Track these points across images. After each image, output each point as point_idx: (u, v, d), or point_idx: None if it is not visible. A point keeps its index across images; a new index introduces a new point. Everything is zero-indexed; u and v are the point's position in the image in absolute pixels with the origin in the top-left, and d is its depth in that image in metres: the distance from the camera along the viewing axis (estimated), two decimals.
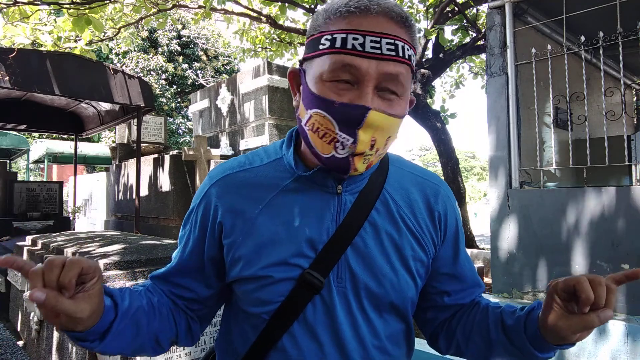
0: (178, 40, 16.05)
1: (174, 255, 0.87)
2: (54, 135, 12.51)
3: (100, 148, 13.32)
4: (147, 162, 6.65)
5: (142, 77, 8.52)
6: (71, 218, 7.36)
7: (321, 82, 0.68)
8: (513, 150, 3.88)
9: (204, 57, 16.48)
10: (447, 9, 6.26)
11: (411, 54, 0.69)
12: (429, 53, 7.01)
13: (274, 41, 7.58)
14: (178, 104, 16.45)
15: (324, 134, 0.68)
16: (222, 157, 6.20)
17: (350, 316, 0.74)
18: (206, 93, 8.38)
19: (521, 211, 3.77)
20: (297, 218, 0.74)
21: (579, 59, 3.91)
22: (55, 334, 2.82)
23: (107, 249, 2.96)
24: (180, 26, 15.74)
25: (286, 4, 6.21)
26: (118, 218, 7.88)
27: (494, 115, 4.04)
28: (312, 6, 6.43)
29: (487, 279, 5.39)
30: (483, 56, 7.80)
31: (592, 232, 3.37)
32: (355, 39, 0.64)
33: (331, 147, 0.68)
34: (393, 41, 0.65)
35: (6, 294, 4.41)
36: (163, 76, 15.45)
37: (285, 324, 0.73)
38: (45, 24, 5.46)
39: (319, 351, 0.73)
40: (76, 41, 5.53)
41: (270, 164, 0.79)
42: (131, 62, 14.98)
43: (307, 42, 0.72)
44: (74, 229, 7.73)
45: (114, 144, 8.90)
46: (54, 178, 17.08)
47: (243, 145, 7.23)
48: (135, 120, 5.62)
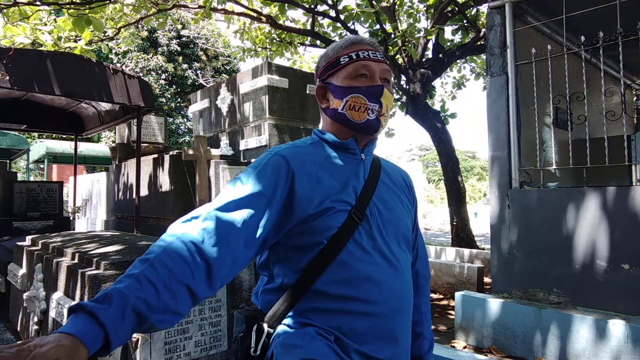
0: (178, 40, 16.05)
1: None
2: (54, 135, 12.50)
3: (100, 148, 13.32)
4: (147, 162, 6.65)
5: (142, 77, 8.52)
6: (71, 218, 7.36)
7: (349, 80, 1.09)
8: (513, 150, 3.88)
9: (204, 57, 16.48)
10: (447, 9, 6.26)
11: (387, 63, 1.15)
12: (429, 53, 7.01)
13: (274, 41, 7.58)
14: (178, 104, 16.45)
15: (359, 107, 1.08)
16: (222, 157, 6.19)
17: (381, 241, 1.07)
18: (206, 93, 8.38)
19: (521, 211, 3.77)
20: (342, 174, 1.08)
21: (579, 59, 3.91)
22: None
23: (107, 249, 2.96)
24: (180, 26, 15.73)
25: (286, 4, 6.21)
26: (118, 218, 7.88)
27: (494, 115, 4.04)
28: (312, 6, 6.43)
29: (487, 279, 5.39)
30: (484, 56, 7.80)
31: (592, 232, 3.37)
32: (363, 53, 1.10)
33: (365, 114, 1.08)
34: (381, 54, 1.12)
35: (6, 294, 4.40)
36: (163, 76, 15.44)
37: (342, 243, 1.01)
38: (45, 24, 5.46)
39: (371, 260, 1.03)
40: (76, 41, 5.53)
41: (311, 145, 1.13)
42: (131, 62, 14.97)
43: (327, 66, 1.13)
44: (74, 229, 7.73)
45: (114, 144, 8.90)
46: (54, 178, 17.08)
47: (243, 145, 7.23)
48: (135, 120, 5.61)
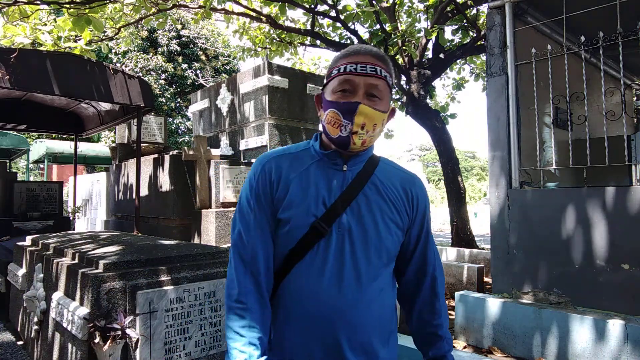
0: (178, 40, 16.05)
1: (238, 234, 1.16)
2: (54, 135, 12.50)
3: (100, 148, 13.32)
4: (147, 162, 6.65)
5: (142, 77, 8.52)
6: (71, 218, 7.36)
7: (333, 94, 1.10)
8: (513, 150, 3.88)
9: (203, 57, 16.48)
10: (447, 9, 6.26)
11: (386, 75, 1.10)
12: (429, 53, 7.01)
13: (274, 41, 7.58)
14: (178, 104, 16.45)
15: (334, 122, 1.08)
16: (222, 157, 6.19)
17: (341, 255, 1.08)
18: (206, 93, 8.38)
19: (521, 211, 3.77)
20: (316, 185, 1.11)
21: (579, 59, 3.91)
22: (55, 334, 2.82)
23: (107, 249, 2.96)
24: (180, 26, 15.73)
25: (286, 4, 6.21)
26: (118, 218, 7.88)
27: (494, 115, 4.04)
28: (312, 6, 6.43)
29: (487, 279, 5.39)
30: (484, 57, 7.80)
31: (592, 232, 3.37)
32: (351, 66, 1.08)
33: (338, 130, 1.08)
34: (373, 66, 1.08)
35: (6, 294, 4.40)
36: (163, 76, 15.44)
37: (301, 253, 1.08)
38: (45, 24, 5.45)
39: (318, 275, 1.07)
40: (76, 41, 5.53)
41: (302, 151, 1.18)
42: (131, 62, 14.97)
43: (327, 75, 1.15)
44: (74, 229, 7.73)
45: (114, 144, 8.90)
46: (54, 178, 17.09)
47: (243, 145, 7.23)
48: (135, 120, 5.61)
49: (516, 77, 3.92)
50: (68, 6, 4.55)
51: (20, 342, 3.56)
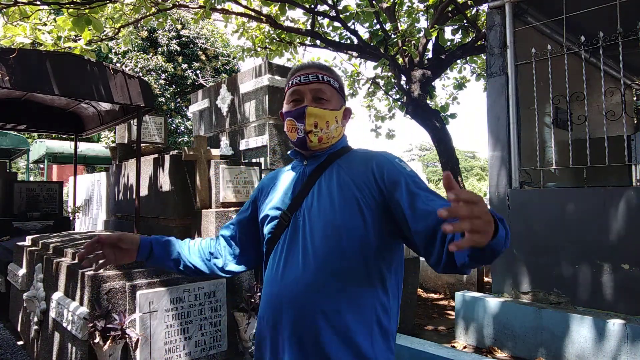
0: (178, 40, 16.04)
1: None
2: (54, 135, 12.50)
3: (100, 148, 13.32)
4: (147, 162, 6.65)
5: (142, 77, 8.52)
6: (71, 218, 7.36)
7: (286, 105, 1.27)
8: (513, 150, 3.88)
9: (203, 57, 16.47)
10: (447, 9, 6.25)
11: (330, 80, 1.25)
12: (429, 53, 7.01)
13: (274, 41, 7.57)
14: (178, 104, 16.44)
15: (291, 128, 1.24)
16: (222, 157, 6.19)
17: (303, 239, 1.15)
18: (206, 93, 8.37)
19: (521, 211, 3.77)
20: (285, 184, 1.29)
21: (579, 59, 3.91)
22: (55, 334, 2.82)
23: None
24: (179, 26, 15.72)
25: (286, 4, 6.21)
26: (118, 218, 7.87)
27: (494, 115, 4.04)
28: (312, 6, 6.43)
29: (487, 279, 5.39)
30: (484, 57, 7.79)
31: (592, 232, 3.37)
32: (296, 79, 1.25)
33: (295, 134, 1.23)
34: (315, 74, 1.24)
35: (6, 294, 4.41)
36: (163, 76, 15.43)
37: (272, 244, 1.23)
38: (45, 24, 5.45)
39: (276, 265, 1.18)
40: (76, 41, 5.52)
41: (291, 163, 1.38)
42: (131, 62, 14.96)
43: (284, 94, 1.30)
44: (74, 229, 7.73)
45: (114, 144, 8.90)
46: (54, 178, 17.08)
47: (243, 145, 7.23)
48: (135, 120, 5.61)
49: (516, 77, 3.92)
50: (68, 6, 4.55)
51: (20, 342, 3.56)
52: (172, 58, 15.90)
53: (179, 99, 16.56)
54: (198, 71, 16.34)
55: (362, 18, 6.12)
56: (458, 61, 8.26)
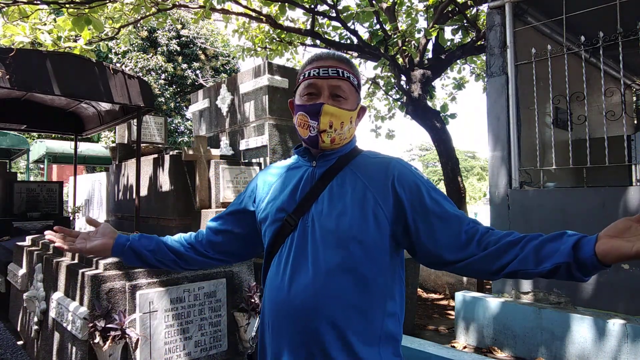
0: (177, 40, 16.03)
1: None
2: (54, 135, 12.50)
3: (100, 148, 13.32)
4: (147, 162, 6.65)
5: (142, 77, 8.52)
6: (71, 218, 7.36)
7: (300, 98, 1.18)
8: (513, 150, 3.88)
9: (203, 57, 16.46)
10: (447, 9, 6.25)
11: (349, 76, 1.16)
12: (429, 53, 7.01)
13: (274, 41, 7.57)
14: (177, 104, 16.43)
15: (303, 124, 1.15)
16: (222, 157, 6.19)
17: (313, 246, 1.09)
18: (206, 93, 8.38)
19: (521, 211, 3.77)
20: (290, 183, 1.20)
21: (579, 59, 3.91)
22: (55, 334, 2.82)
23: None
24: (179, 26, 15.71)
25: (286, 4, 6.21)
26: (118, 218, 7.87)
27: (494, 115, 4.04)
28: (312, 6, 6.43)
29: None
30: (484, 57, 7.78)
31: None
32: (314, 70, 1.15)
33: (307, 131, 1.15)
34: (335, 68, 1.15)
35: (6, 294, 4.40)
36: (162, 76, 15.42)
37: (276, 247, 1.16)
38: (44, 24, 5.45)
39: (284, 265, 1.12)
40: (76, 41, 5.52)
41: (292, 158, 1.30)
42: (130, 62, 14.95)
43: (296, 82, 1.22)
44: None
45: (114, 144, 8.90)
46: (54, 178, 17.07)
47: (243, 145, 7.23)
48: (135, 120, 5.61)
49: (516, 77, 3.92)
50: (68, 6, 4.55)
51: (20, 342, 3.55)
52: (172, 58, 15.90)
53: (179, 99, 16.55)
54: (198, 71, 16.34)
55: (362, 18, 6.12)
56: (458, 61, 8.26)
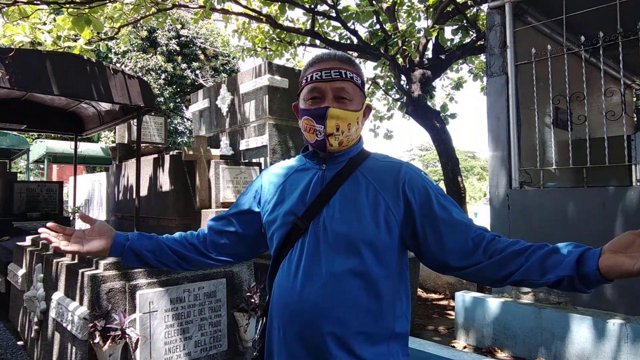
0: (177, 40, 16.03)
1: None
2: (54, 135, 12.50)
3: (100, 148, 13.31)
4: (147, 162, 6.65)
5: (142, 77, 8.51)
6: (71, 218, 7.36)
7: (304, 102, 1.16)
8: (513, 150, 3.88)
9: (203, 57, 16.46)
10: (447, 9, 6.26)
11: (353, 76, 1.14)
12: (429, 53, 7.01)
13: (274, 41, 7.57)
14: (177, 104, 16.43)
15: (309, 129, 1.14)
16: (222, 157, 6.19)
17: (326, 251, 1.08)
18: (206, 93, 8.38)
19: (521, 211, 3.77)
20: (299, 186, 1.18)
21: (579, 59, 3.91)
22: (55, 334, 2.82)
23: None
24: (179, 26, 15.71)
25: (286, 4, 6.21)
26: (118, 218, 7.87)
27: (494, 115, 4.04)
28: (312, 6, 6.43)
29: None
30: (483, 57, 7.79)
31: (592, 232, 3.37)
32: (316, 73, 1.14)
33: (314, 135, 1.14)
34: (337, 70, 1.13)
35: (6, 294, 4.41)
36: (162, 76, 15.42)
37: (285, 250, 1.15)
38: (44, 23, 5.45)
39: (295, 268, 1.11)
40: (75, 40, 5.52)
41: (296, 159, 1.29)
42: (130, 62, 14.95)
43: (300, 84, 1.21)
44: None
45: (114, 144, 8.90)
46: (54, 178, 17.07)
47: (243, 145, 7.23)
48: (135, 120, 5.61)
49: (516, 77, 3.92)
50: (68, 6, 4.55)
51: (20, 342, 3.55)
52: (172, 58, 15.90)
53: (178, 99, 16.56)
54: (197, 71, 16.33)
55: (362, 18, 6.13)
56: (457, 61, 8.26)
